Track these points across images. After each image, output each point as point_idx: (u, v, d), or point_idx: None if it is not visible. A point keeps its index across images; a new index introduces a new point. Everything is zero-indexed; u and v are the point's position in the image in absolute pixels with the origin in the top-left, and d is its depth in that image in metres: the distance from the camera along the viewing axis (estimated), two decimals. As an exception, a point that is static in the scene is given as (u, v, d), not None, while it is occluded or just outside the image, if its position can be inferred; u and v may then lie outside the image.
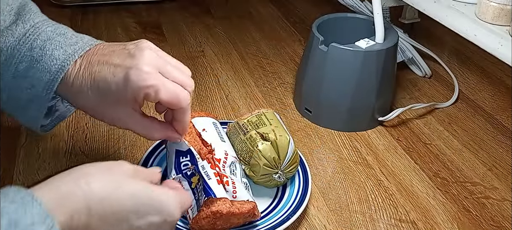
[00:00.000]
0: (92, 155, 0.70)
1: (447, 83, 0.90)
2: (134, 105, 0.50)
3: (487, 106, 0.84)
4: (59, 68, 0.50)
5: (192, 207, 0.54)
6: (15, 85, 0.51)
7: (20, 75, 0.50)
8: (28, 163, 0.68)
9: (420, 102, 0.84)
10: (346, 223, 0.60)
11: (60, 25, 0.54)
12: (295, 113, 0.81)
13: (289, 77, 0.91)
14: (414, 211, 0.62)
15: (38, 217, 0.37)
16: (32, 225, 0.36)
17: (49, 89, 0.50)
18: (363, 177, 0.68)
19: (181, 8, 1.17)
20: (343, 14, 0.83)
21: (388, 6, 0.89)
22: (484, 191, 0.66)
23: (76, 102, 0.53)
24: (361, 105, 0.75)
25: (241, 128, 0.61)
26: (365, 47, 0.72)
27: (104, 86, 0.49)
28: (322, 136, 0.76)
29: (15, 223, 0.36)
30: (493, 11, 0.65)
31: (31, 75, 0.50)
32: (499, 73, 0.93)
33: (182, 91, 0.50)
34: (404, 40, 0.90)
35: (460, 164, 0.71)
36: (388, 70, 0.75)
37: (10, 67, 0.50)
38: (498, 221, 0.61)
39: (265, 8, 1.20)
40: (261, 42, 1.04)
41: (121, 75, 0.48)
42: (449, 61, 0.97)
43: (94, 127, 0.75)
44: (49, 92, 0.50)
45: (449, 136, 0.77)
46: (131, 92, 0.48)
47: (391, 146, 0.74)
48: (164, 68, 0.49)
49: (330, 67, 0.73)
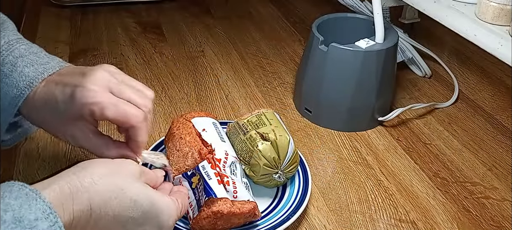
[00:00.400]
0: (92, 155, 0.69)
1: (447, 83, 0.90)
2: (85, 124, 0.51)
3: (487, 106, 0.84)
4: (27, 85, 0.50)
5: (193, 207, 0.54)
6: None
7: None
8: (28, 163, 0.68)
9: (420, 102, 0.84)
10: (346, 223, 0.60)
11: (34, 45, 0.55)
12: (295, 113, 0.81)
13: (289, 77, 0.91)
14: (414, 211, 0.62)
15: (42, 213, 0.37)
16: (35, 221, 0.37)
17: (14, 104, 0.51)
18: (363, 177, 0.68)
19: (181, 8, 1.17)
20: (343, 14, 0.83)
21: (388, 6, 0.89)
22: (484, 191, 0.66)
23: (34, 120, 0.54)
24: (361, 105, 0.75)
25: (241, 128, 0.61)
26: (365, 47, 0.72)
27: (54, 104, 0.49)
28: (322, 136, 0.76)
29: (19, 219, 0.36)
30: (493, 11, 0.65)
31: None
32: (499, 73, 0.93)
33: (133, 109, 0.49)
34: (404, 40, 0.90)
35: (460, 164, 0.71)
36: (388, 70, 0.75)
37: None
38: (498, 221, 0.61)
39: (265, 8, 1.20)
40: (261, 42, 1.04)
41: (69, 93, 0.48)
42: (449, 61, 0.97)
43: (94, 127, 0.75)
44: (14, 107, 0.51)
45: (449, 136, 0.77)
46: (76, 109, 0.48)
47: (391, 146, 0.74)
48: (116, 88, 0.49)
49: (330, 67, 0.73)
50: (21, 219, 0.37)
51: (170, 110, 0.80)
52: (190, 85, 0.87)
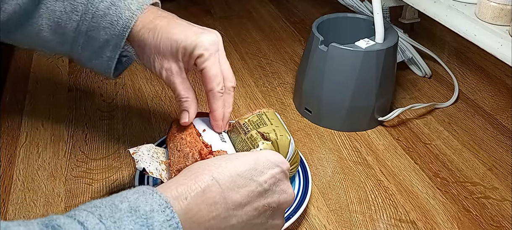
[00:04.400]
0: (92, 155, 0.70)
1: (447, 83, 0.90)
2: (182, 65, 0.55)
3: (487, 106, 0.84)
4: (139, 6, 0.56)
5: None
6: (94, 25, 0.56)
7: (100, 14, 0.55)
8: (28, 163, 0.68)
9: (420, 102, 0.84)
10: (346, 223, 0.60)
11: None
12: (295, 113, 0.81)
13: (289, 77, 0.91)
14: (414, 211, 0.62)
15: (158, 206, 0.38)
16: (151, 212, 0.38)
17: (127, 26, 0.55)
18: (363, 177, 0.68)
19: (181, 8, 1.17)
20: (343, 14, 0.83)
21: (388, 6, 0.89)
22: (484, 191, 0.66)
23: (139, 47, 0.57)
24: (361, 105, 0.75)
25: (242, 128, 0.61)
26: (365, 47, 0.72)
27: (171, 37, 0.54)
28: (322, 136, 0.76)
29: (135, 208, 0.37)
30: (493, 11, 0.65)
31: (112, 13, 0.55)
32: (499, 73, 0.93)
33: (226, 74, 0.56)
34: (404, 40, 0.90)
35: (460, 164, 0.71)
36: (388, 70, 0.75)
37: (92, 7, 0.55)
38: (498, 221, 0.61)
39: (265, 8, 1.20)
40: (261, 42, 1.04)
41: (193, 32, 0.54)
42: (449, 61, 0.97)
43: (94, 127, 0.75)
44: (126, 29, 0.55)
45: (449, 136, 0.77)
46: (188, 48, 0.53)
47: (391, 146, 0.74)
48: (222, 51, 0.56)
49: (330, 67, 0.73)
50: (137, 209, 0.37)
51: (170, 110, 0.80)
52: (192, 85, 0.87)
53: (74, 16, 0.56)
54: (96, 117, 0.78)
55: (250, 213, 0.43)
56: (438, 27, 0.74)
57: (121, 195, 0.39)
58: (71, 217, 0.36)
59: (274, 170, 0.45)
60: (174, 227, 0.38)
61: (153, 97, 0.83)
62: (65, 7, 0.56)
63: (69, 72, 0.89)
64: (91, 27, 0.56)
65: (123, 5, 0.55)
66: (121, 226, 0.36)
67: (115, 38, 0.56)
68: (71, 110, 0.79)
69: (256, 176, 0.44)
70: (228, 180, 0.43)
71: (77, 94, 0.83)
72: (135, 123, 0.77)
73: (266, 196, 0.44)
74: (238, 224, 0.43)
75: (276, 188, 0.45)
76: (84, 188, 0.64)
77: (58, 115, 0.78)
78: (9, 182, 0.64)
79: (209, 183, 0.42)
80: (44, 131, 0.74)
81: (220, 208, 0.42)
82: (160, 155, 0.58)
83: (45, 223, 0.35)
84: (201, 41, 0.53)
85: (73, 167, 0.67)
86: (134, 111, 0.80)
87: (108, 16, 0.55)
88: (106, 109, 0.80)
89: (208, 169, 0.43)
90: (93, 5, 0.55)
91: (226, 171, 0.43)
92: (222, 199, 0.42)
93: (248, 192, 0.43)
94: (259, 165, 0.45)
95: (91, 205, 0.38)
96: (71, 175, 0.66)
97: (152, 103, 0.82)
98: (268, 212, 0.45)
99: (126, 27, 0.55)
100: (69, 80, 0.87)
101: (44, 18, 0.56)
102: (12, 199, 0.62)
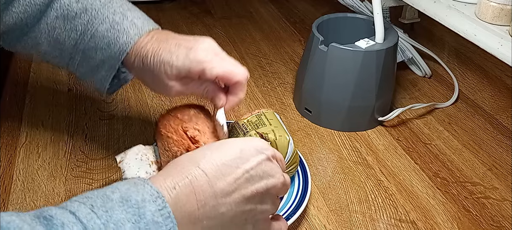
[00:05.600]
0: (92, 155, 0.70)
1: (447, 83, 0.90)
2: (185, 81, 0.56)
3: (487, 106, 0.84)
4: (137, 32, 0.56)
5: None
6: (91, 45, 0.56)
7: (99, 35, 0.56)
8: (28, 163, 0.68)
9: (420, 102, 0.84)
10: (346, 223, 0.60)
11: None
12: (295, 113, 0.81)
13: (289, 77, 0.91)
14: (414, 211, 0.62)
15: (149, 196, 0.39)
16: (143, 202, 0.38)
17: (123, 51, 0.55)
18: (363, 177, 0.68)
19: (181, 8, 1.17)
20: (343, 14, 0.82)
21: (388, 6, 0.89)
22: (484, 191, 0.66)
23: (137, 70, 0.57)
24: (361, 105, 0.75)
25: (241, 128, 0.61)
26: (365, 47, 0.72)
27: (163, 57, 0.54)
28: (322, 136, 0.76)
29: (126, 198, 0.38)
30: (493, 11, 0.65)
31: (110, 35, 0.56)
32: (499, 73, 0.93)
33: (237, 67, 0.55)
34: (404, 40, 0.90)
35: (460, 164, 0.71)
36: (388, 70, 0.75)
37: (91, 27, 0.56)
38: (498, 221, 0.61)
39: (265, 8, 1.20)
40: (261, 42, 1.04)
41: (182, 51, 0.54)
42: (449, 61, 0.97)
43: (94, 127, 0.75)
44: (121, 54, 0.56)
45: (449, 136, 0.77)
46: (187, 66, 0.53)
47: (391, 146, 0.74)
48: (220, 53, 0.55)
49: (330, 67, 0.73)
50: (128, 199, 0.38)
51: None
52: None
53: (73, 35, 0.57)
54: (96, 117, 0.78)
55: (238, 200, 0.44)
56: (438, 27, 0.74)
57: (112, 186, 0.40)
58: (63, 208, 0.37)
59: (259, 157, 0.46)
60: (166, 216, 0.39)
61: (153, 97, 0.83)
62: (65, 25, 0.56)
63: (69, 72, 0.89)
64: (88, 47, 0.57)
65: (122, 29, 0.56)
66: (112, 216, 0.37)
67: (111, 60, 0.57)
68: (71, 110, 0.79)
69: (241, 164, 0.45)
70: (214, 169, 0.43)
71: (77, 94, 0.83)
72: (135, 123, 0.77)
73: (253, 182, 0.45)
74: (227, 212, 0.44)
75: (263, 174, 0.46)
76: (84, 188, 0.64)
77: (58, 115, 0.78)
78: (9, 182, 0.64)
79: (196, 173, 0.43)
80: (44, 131, 0.74)
81: (208, 197, 0.42)
82: (149, 155, 0.58)
83: (36, 214, 0.36)
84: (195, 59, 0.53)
85: (73, 167, 0.67)
86: (134, 111, 0.80)
87: (106, 38, 0.56)
88: (106, 109, 0.80)
89: (195, 160, 0.44)
90: (93, 26, 0.56)
91: (212, 160, 0.44)
92: (210, 188, 0.43)
93: (235, 179, 0.44)
94: (244, 153, 0.45)
95: (82, 196, 0.38)
96: (71, 175, 0.66)
97: (152, 103, 0.82)
98: (256, 198, 0.45)
99: (122, 51, 0.56)
100: (69, 80, 0.87)
101: (44, 33, 0.57)
102: (12, 199, 0.62)
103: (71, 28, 0.56)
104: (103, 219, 0.36)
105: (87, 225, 0.35)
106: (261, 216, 0.47)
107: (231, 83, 0.55)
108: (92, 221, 0.36)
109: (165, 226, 0.38)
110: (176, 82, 0.55)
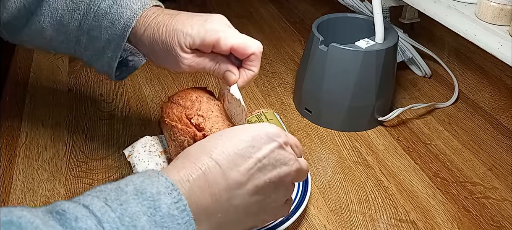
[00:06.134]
0: (92, 155, 0.70)
1: (447, 83, 0.90)
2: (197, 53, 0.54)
3: (487, 106, 0.84)
4: (141, 6, 0.55)
5: None
6: (95, 24, 0.55)
7: (102, 13, 0.55)
8: (28, 163, 0.68)
9: (420, 102, 0.84)
10: (346, 223, 0.60)
11: None
12: (295, 113, 0.81)
13: (289, 77, 0.91)
14: (414, 211, 0.62)
15: (165, 188, 0.38)
16: (158, 194, 0.37)
17: (127, 26, 0.54)
18: (363, 177, 0.68)
19: (181, 8, 1.17)
20: (343, 14, 0.82)
21: (388, 6, 0.89)
22: (484, 191, 0.66)
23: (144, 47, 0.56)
24: (361, 105, 0.75)
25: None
26: (365, 47, 0.72)
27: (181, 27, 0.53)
28: (322, 136, 0.76)
29: (141, 191, 0.37)
30: (493, 11, 0.65)
31: (113, 11, 0.54)
32: (499, 73, 0.93)
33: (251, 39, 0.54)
34: (404, 40, 0.90)
35: (460, 164, 0.71)
36: (388, 70, 0.75)
37: (94, 5, 0.55)
38: (498, 221, 0.61)
39: (265, 8, 1.20)
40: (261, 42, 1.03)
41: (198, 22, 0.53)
42: (449, 61, 0.97)
43: (94, 127, 0.75)
44: (126, 29, 0.54)
45: (449, 136, 0.77)
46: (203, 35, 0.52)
47: (391, 146, 0.74)
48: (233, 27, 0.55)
49: (330, 67, 0.73)
50: (143, 192, 0.37)
51: (170, 110, 0.80)
52: (190, 85, 0.87)
53: (76, 15, 0.56)
54: (96, 117, 0.78)
55: (251, 191, 0.43)
56: (438, 27, 0.74)
57: (126, 179, 0.39)
58: (75, 202, 0.36)
59: (271, 145, 0.45)
60: (182, 209, 0.38)
61: (153, 97, 0.83)
62: (67, 5, 0.56)
63: (69, 72, 0.89)
64: (92, 26, 0.56)
65: (125, 4, 0.55)
66: (127, 209, 0.36)
67: (116, 38, 0.55)
68: (71, 110, 0.79)
69: (254, 153, 0.44)
70: (227, 159, 0.43)
71: (77, 94, 0.83)
72: (135, 123, 0.77)
73: (265, 172, 0.44)
74: (241, 203, 0.43)
75: (276, 162, 0.45)
76: (84, 188, 0.64)
77: (58, 115, 0.78)
78: (9, 182, 0.64)
79: (209, 164, 0.42)
80: (44, 131, 0.74)
81: (222, 189, 0.42)
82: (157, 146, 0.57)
83: (49, 209, 0.35)
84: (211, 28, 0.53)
85: (73, 167, 0.67)
86: (134, 111, 0.80)
87: (109, 15, 0.55)
88: (106, 109, 0.80)
89: (207, 150, 0.43)
90: (95, 4, 0.55)
91: (224, 150, 0.43)
92: (223, 180, 0.42)
93: (248, 169, 0.43)
94: (257, 141, 0.44)
95: (96, 189, 0.38)
96: (71, 175, 0.66)
97: (152, 103, 0.82)
98: (269, 188, 0.44)
99: (127, 27, 0.54)
100: (69, 80, 0.87)
101: (47, 16, 0.56)
102: (12, 199, 0.62)
103: (74, 8, 0.55)
104: (117, 212, 0.35)
105: (101, 218, 0.35)
106: (274, 204, 0.46)
107: (246, 55, 0.54)
108: (107, 215, 0.35)
109: (181, 219, 0.37)
110: (188, 54, 0.54)
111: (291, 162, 0.46)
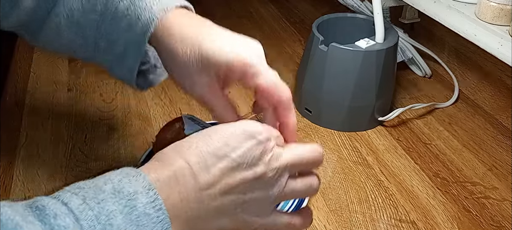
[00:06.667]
0: (92, 155, 0.70)
1: (447, 83, 0.90)
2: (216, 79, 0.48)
3: (487, 106, 0.84)
4: (161, 8, 0.48)
5: None
6: (113, 27, 0.50)
7: (119, 15, 0.49)
8: (28, 163, 0.68)
9: (420, 102, 0.84)
10: (346, 223, 0.60)
11: None
12: (295, 113, 0.81)
13: (289, 77, 0.91)
14: (414, 211, 0.62)
15: (142, 188, 0.38)
16: (135, 194, 0.38)
17: (146, 30, 0.48)
18: (363, 177, 0.68)
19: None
20: (343, 14, 0.83)
21: (388, 6, 0.89)
22: (484, 191, 0.66)
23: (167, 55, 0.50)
24: (361, 105, 0.75)
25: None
26: (365, 47, 0.72)
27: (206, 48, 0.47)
28: (322, 136, 0.76)
29: (118, 190, 0.38)
30: (493, 11, 0.65)
31: (131, 13, 0.49)
32: (499, 73, 0.93)
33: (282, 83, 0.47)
34: (404, 40, 0.90)
35: (460, 164, 0.71)
36: (388, 70, 0.75)
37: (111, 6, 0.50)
38: (498, 221, 0.61)
39: (265, 8, 1.20)
40: (261, 42, 1.03)
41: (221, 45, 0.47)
42: (449, 61, 0.97)
43: (94, 127, 0.75)
44: (145, 33, 0.48)
45: (449, 136, 0.77)
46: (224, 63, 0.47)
47: (391, 146, 0.74)
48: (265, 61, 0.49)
49: (330, 67, 0.73)
50: (120, 191, 0.38)
51: (170, 110, 0.80)
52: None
53: (93, 16, 0.51)
54: (96, 117, 0.78)
55: (223, 190, 0.42)
56: (438, 27, 0.74)
57: (104, 176, 0.39)
58: (55, 198, 0.37)
59: (248, 143, 0.42)
60: (158, 208, 0.38)
61: (153, 97, 0.83)
62: (83, 5, 0.51)
63: (69, 72, 0.89)
64: (110, 29, 0.51)
65: (144, 6, 0.49)
66: (104, 207, 0.36)
67: (134, 43, 0.50)
68: (71, 110, 0.79)
69: (229, 152, 0.42)
70: (198, 160, 0.41)
71: (77, 94, 0.83)
72: (135, 123, 0.77)
73: (240, 170, 0.42)
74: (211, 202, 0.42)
75: (251, 161, 0.42)
76: (84, 188, 0.64)
77: (58, 115, 0.78)
78: (9, 182, 0.64)
79: (181, 165, 0.41)
80: (44, 131, 0.74)
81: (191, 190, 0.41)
82: None
83: (29, 204, 0.36)
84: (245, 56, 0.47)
85: (73, 167, 0.67)
86: (134, 111, 0.80)
87: (127, 17, 0.49)
88: (106, 109, 0.80)
89: (180, 150, 0.42)
90: (113, 5, 0.50)
91: (197, 151, 0.42)
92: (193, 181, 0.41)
93: (220, 169, 0.41)
94: (233, 139, 0.42)
95: (75, 186, 0.38)
96: (71, 175, 0.66)
97: (152, 103, 0.82)
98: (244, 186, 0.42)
99: (146, 31, 0.48)
100: (69, 80, 0.87)
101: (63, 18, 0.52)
102: (12, 199, 0.62)
103: (90, 9, 0.51)
104: (95, 210, 0.36)
105: (79, 216, 0.36)
106: (254, 203, 0.44)
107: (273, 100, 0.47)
108: (84, 213, 0.36)
109: (156, 218, 0.38)
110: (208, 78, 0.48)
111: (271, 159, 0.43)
